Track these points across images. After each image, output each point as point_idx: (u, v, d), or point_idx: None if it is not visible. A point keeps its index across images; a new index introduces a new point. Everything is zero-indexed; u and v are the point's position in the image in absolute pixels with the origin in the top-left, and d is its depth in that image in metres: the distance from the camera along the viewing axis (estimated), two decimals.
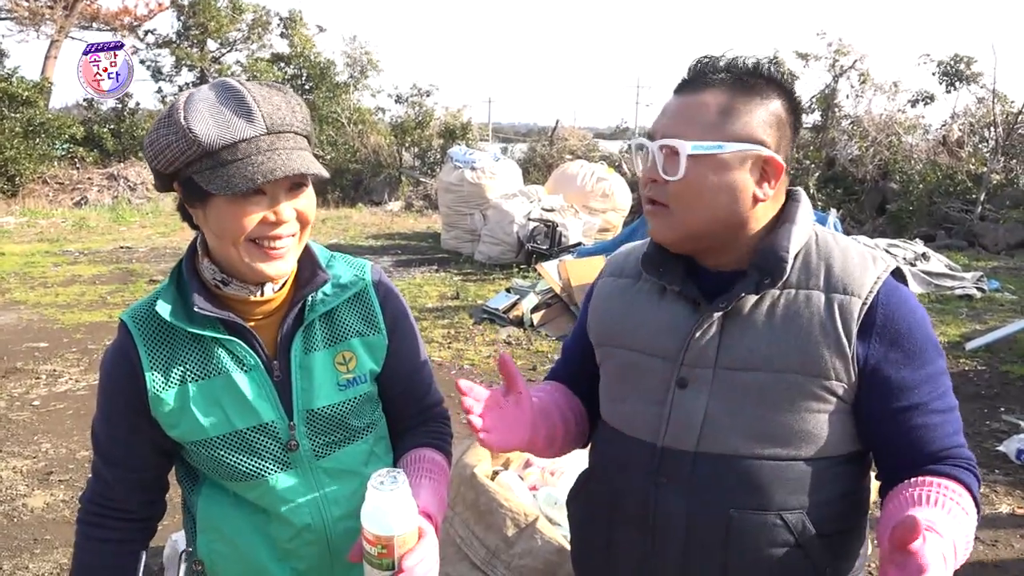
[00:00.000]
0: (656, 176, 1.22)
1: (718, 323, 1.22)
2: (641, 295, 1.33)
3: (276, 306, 1.33)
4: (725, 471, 1.20)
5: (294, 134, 1.22)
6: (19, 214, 15.33)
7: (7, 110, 17.34)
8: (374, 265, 1.47)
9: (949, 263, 9.80)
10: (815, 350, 1.18)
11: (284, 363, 1.32)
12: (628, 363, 1.31)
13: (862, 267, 1.23)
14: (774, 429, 1.19)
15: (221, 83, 1.23)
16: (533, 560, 2.16)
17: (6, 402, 5.38)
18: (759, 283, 1.21)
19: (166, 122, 1.19)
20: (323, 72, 22.60)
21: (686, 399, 1.23)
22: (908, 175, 14.48)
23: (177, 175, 1.21)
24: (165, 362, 1.29)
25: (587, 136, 20.17)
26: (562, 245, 9.85)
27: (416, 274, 10.07)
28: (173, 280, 1.32)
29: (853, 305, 1.19)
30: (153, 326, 1.30)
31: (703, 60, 1.25)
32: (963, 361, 6.46)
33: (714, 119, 1.19)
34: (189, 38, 23.25)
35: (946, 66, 15.39)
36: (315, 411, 1.33)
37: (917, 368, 1.19)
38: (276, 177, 1.16)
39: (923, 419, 1.19)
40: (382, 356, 1.40)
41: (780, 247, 1.21)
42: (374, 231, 14.06)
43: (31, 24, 21.90)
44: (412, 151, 20.29)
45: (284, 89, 1.26)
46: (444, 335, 7.16)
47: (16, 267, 10.31)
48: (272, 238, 1.23)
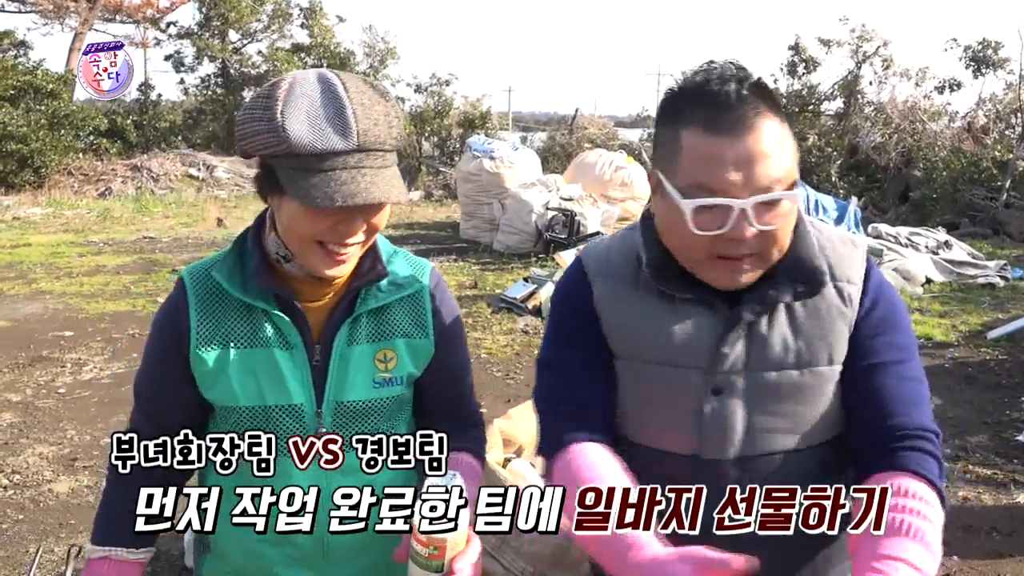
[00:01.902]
0: (756, 233, 1.12)
1: (746, 327, 1.22)
2: (650, 303, 1.25)
3: (330, 291, 1.33)
4: (769, 471, 1.22)
5: (384, 152, 1.20)
6: (45, 205, 15.55)
7: (32, 102, 17.57)
8: (434, 268, 1.45)
9: (972, 251, 9.69)
10: (837, 340, 1.22)
11: (326, 349, 1.32)
12: (657, 377, 1.25)
13: (848, 253, 1.26)
14: (807, 422, 1.23)
15: (325, 80, 1.20)
16: (542, 546, 2.19)
17: (32, 390, 5.49)
18: (795, 292, 1.21)
19: (262, 107, 1.17)
20: (343, 62, 22.60)
21: (723, 406, 1.22)
22: (932, 162, 14.29)
23: (260, 158, 1.22)
24: (212, 323, 1.30)
25: (607, 124, 20.07)
26: (580, 234, 9.84)
27: (435, 263, 10.04)
28: (236, 247, 1.33)
29: (855, 291, 1.23)
30: (207, 287, 1.31)
31: (731, 91, 1.12)
32: (984, 350, 6.40)
33: (783, 150, 1.13)
34: (210, 29, 23.36)
35: (973, 51, 15.15)
36: (345, 403, 1.32)
37: (888, 334, 1.24)
38: (356, 203, 1.15)
39: (889, 380, 1.22)
40: (425, 361, 1.39)
41: (813, 255, 1.21)
42: (394, 220, 14.10)
43: (55, 17, 22.10)
44: (431, 140, 20.33)
45: (387, 96, 1.23)
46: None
47: (42, 257, 10.48)
48: (339, 244, 1.23)
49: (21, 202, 15.72)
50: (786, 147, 1.14)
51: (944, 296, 8.23)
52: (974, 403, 5.24)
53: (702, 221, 1.12)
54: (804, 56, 16.51)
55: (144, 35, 23.92)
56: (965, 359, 6.23)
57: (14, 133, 16.78)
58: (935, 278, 8.79)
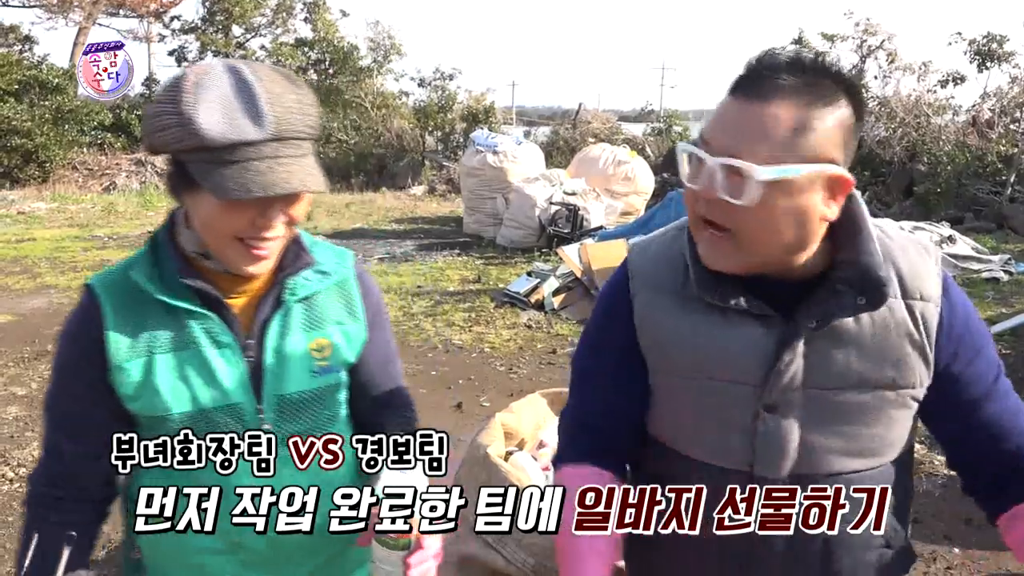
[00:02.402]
0: (714, 196, 1.08)
1: (803, 341, 1.15)
2: (696, 314, 1.19)
3: (255, 285, 1.29)
4: (820, 491, 1.18)
5: (300, 140, 1.16)
6: (49, 200, 15.57)
7: (37, 97, 17.60)
8: (356, 255, 1.43)
9: (976, 246, 9.66)
10: (906, 363, 1.15)
11: (259, 344, 1.27)
12: (702, 391, 1.20)
13: (924, 266, 1.18)
14: (868, 443, 1.18)
15: (234, 70, 1.15)
16: (543, 539, 2.20)
17: (37, 384, 5.50)
18: (853, 303, 1.12)
19: (170, 100, 1.12)
20: (346, 57, 22.63)
21: (777, 424, 1.16)
22: (936, 157, 14.24)
23: (170, 154, 1.17)
24: (132, 331, 1.23)
25: (610, 119, 20.05)
26: (584, 229, 9.84)
27: (438, 258, 10.11)
28: (150, 248, 1.27)
29: (930, 311, 1.16)
30: (123, 293, 1.24)
31: (765, 58, 1.09)
32: None
33: (787, 137, 1.05)
34: (214, 24, 23.38)
35: (978, 45, 15.08)
36: (286, 396, 1.28)
37: (980, 360, 1.19)
38: (275, 193, 1.11)
39: (994, 406, 1.19)
40: (359, 347, 1.37)
41: (876, 265, 1.11)
42: (397, 215, 14.12)
43: (59, 11, 22.13)
44: (435, 135, 20.31)
45: (299, 84, 1.19)
46: (465, 318, 7.20)
47: (47, 252, 10.50)
48: (259, 239, 1.19)
49: (26, 196, 15.76)
50: (798, 134, 1.05)
51: None
52: None
53: (688, 169, 1.12)
54: (808, 50, 16.45)
55: (148, 30, 23.95)
56: None
57: (19, 128, 16.83)
58: None
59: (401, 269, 9.41)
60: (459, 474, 2.57)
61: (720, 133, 1.09)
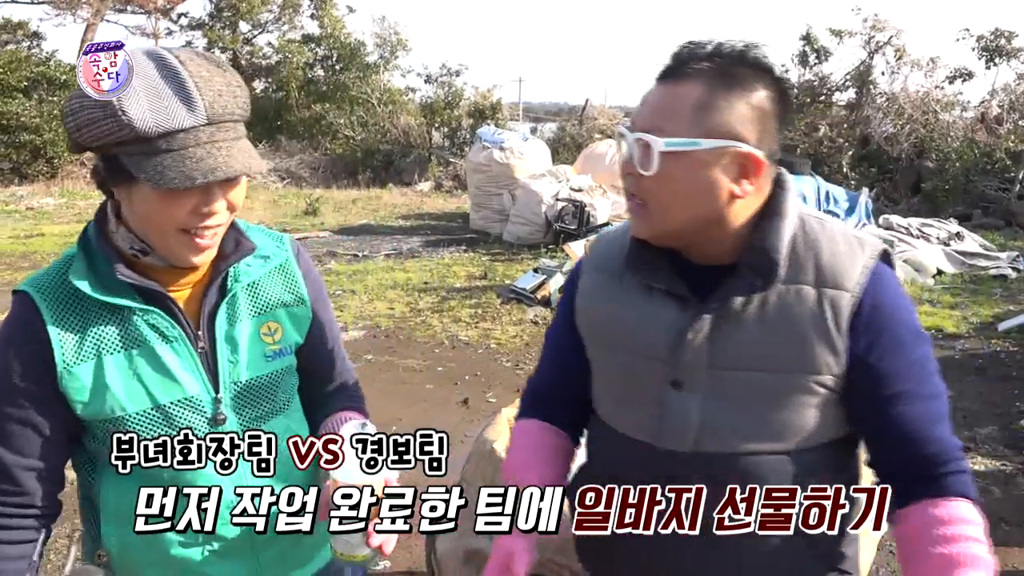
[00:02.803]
0: (631, 169, 1.18)
1: (710, 322, 1.19)
2: (627, 293, 1.28)
3: (197, 276, 1.27)
4: (724, 469, 1.20)
5: (234, 123, 1.15)
6: (58, 195, 15.65)
7: (45, 93, 17.68)
8: (292, 237, 1.44)
9: (984, 243, 9.64)
10: (810, 348, 1.17)
11: (209, 334, 1.26)
12: (622, 365, 1.29)
13: (849, 256, 1.19)
14: (770, 426, 1.19)
15: (158, 57, 1.12)
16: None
17: None
18: (751, 284, 1.17)
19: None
20: (353, 53, 22.65)
21: (681, 400, 1.21)
22: (944, 153, 14.19)
23: (100, 149, 1.13)
24: (76, 335, 1.19)
25: (617, 115, 20.00)
26: (590, 225, 9.84)
27: (445, 254, 10.13)
28: (81, 249, 1.23)
29: (843, 300, 1.17)
30: (61, 296, 1.20)
31: (686, 47, 1.18)
32: (995, 342, 6.38)
33: (690, 114, 1.13)
34: (221, 20, 23.44)
35: (986, 41, 15.02)
36: (242, 383, 1.28)
37: (899, 357, 1.18)
38: (217, 178, 1.10)
39: (908, 407, 1.18)
40: (306, 328, 1.38)
41: (771, 247, 1.17)
42: (404, 211, 14.13)
43: (68, 8, 22.20)
44: (442, 131, 20.32)
45: (224, 66, 1.16)
46: (471, 315, 7.22)
47: (55, 247, 10.54)
48: (202, 228, 1.17)
49: (34, 192, 15.84)
50: (700, 111, 1.13)
51: (955, 287, 8.18)
52: (984, 394, 5.23)
53: (622, 148, 1.21)
54: (816, 46, 16.40)
55: (155, 26, 23.99)
56: (975, 350, 6.21)
57: (27, 124, 16.92)
58: (946, 269, 8.75)
59: (408, 265, 9.43)
60: (465, 469, 2.58)
61: (639, 113, 1.20)
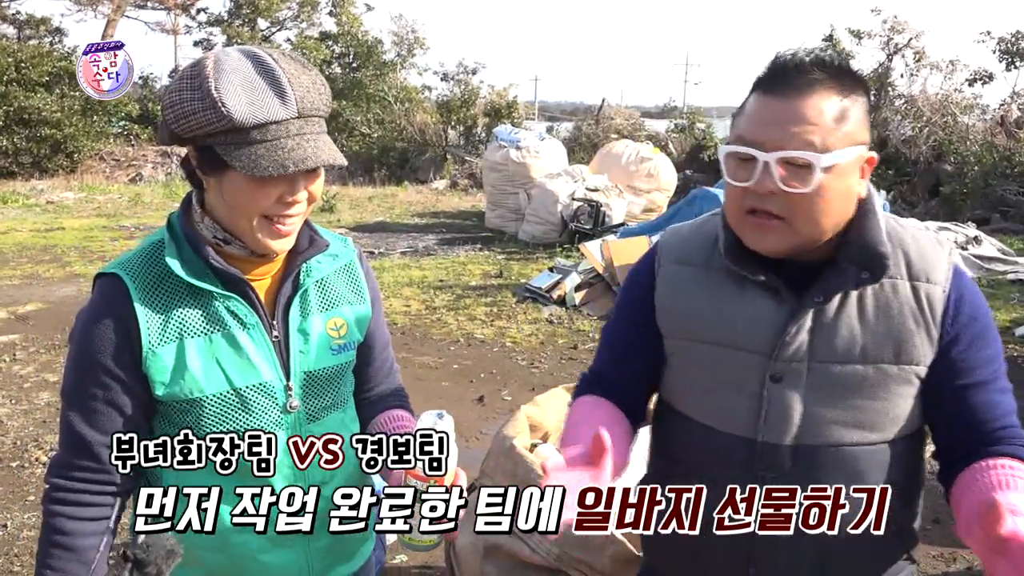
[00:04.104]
0: (776, 190, 1.16)
1: (811, 317, 1.23)
2: (719, 286, 1.29)
3: (271, 269, 1.34)
4: (824, 461, 1.23)
5: (319, 118, 1.23)
6: (77, 190, 15.81)
7: (67, 88, 17.84)
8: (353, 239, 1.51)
9: (1002, 247, 9.56)
10: (909, 340, 1.21)
11: (283, 324, 1.33)
12: (714, 357, 1.29)
13: (934, 252, 1.25)
14: (870, 417, 1.23)
15: (252, 54, 1.20)
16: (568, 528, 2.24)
17: None
18: (858, 279, 1.21)
19: (193, 86, 1.16)
20: (370, 51, 22.75)
21: (782, 393, 1.23)
22: (963, 156, 14.09)
23: (195, 140, 1.20)
24: (162, 316, 1.25)
25: (633, 115, 19.99)
26: (606, 225, 9.85)
27: (460, 252, 10.17)
28: (169, 235, 1.29)
29: (936, 293, 1.22)
30: (150, 279, 1.26)
31: (791, 59, 1.19)
32: (1012, 347, 6.33)
33: (834, 126, 1.15)
34: (240, 16, 23.58)
35: (1007, 43, 14.92)
36: (312, 373, 1.35)
37: (981, 349, 1.24)
38: (307, 167, 1.17)
39: (985, 397, 1.23)
40: (366, 327, 1.44)
41: (878, 241, 1.21)
42: (419, 209, 14.18)
43: (88, 4, 22.40)
44: (458, 129, 20.36)
45: (309, 67, 1.24)
46: (487, 313, 7.25)
47: (75, 241, 10.67)
48: (285, 216, 1.24)
49: (54, 186, 16.00)
50: (840, 122, 1.15)
51: None
52: None
53: (732, 168, 1.20)
54: (836, 48, 16.34)
55: (175, 22, 24.15)
56: None
57: (48, 118, 17.09)
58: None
59: (423, 263, 9.48)
60: (485, 465, 2.61)
61: (764, 129, 1.17)
